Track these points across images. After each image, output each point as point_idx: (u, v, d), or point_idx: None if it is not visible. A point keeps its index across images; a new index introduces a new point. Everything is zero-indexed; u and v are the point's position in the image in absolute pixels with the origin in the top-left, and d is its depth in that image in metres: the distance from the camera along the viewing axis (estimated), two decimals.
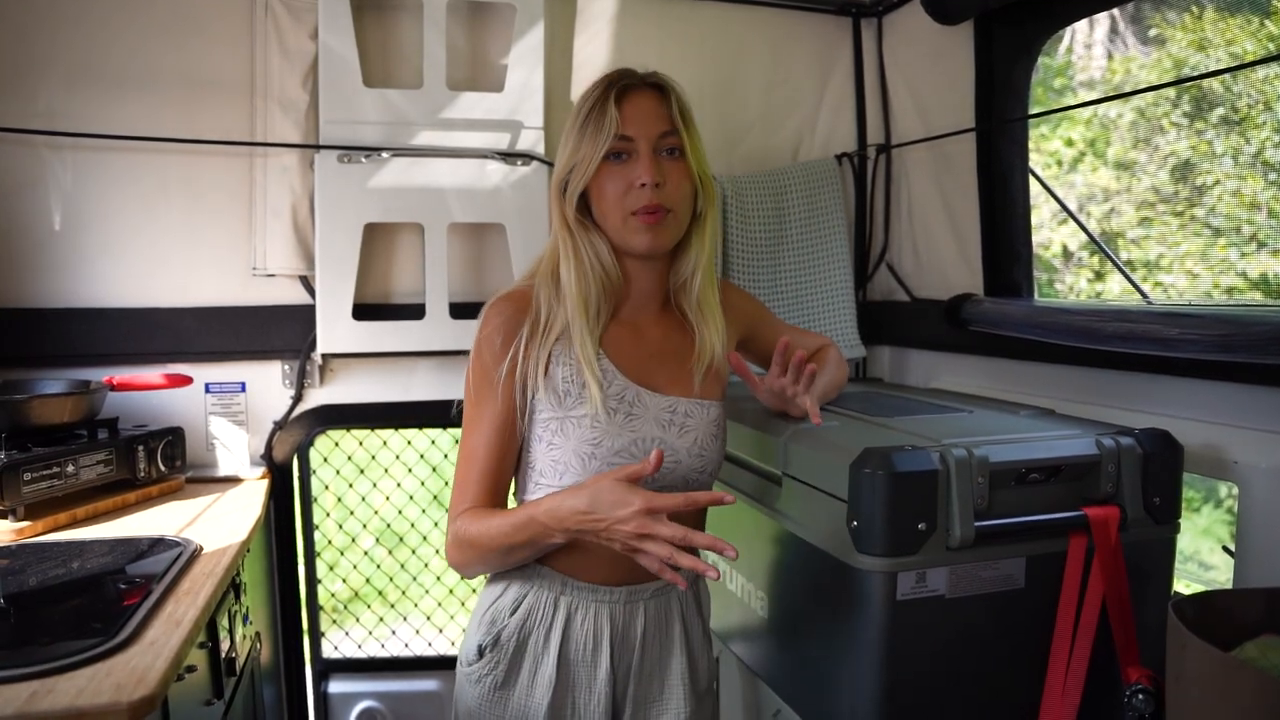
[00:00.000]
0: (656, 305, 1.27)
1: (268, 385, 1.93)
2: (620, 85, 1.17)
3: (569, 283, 1.18)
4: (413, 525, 2.23)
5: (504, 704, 1.21)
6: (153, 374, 1.78)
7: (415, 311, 1.92)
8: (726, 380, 1.31)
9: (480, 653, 1.21)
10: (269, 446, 1.94)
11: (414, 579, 2.26)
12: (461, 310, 1.90)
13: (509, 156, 1.92)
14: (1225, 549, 1.41)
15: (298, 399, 1.93)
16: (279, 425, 1.93)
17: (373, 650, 2.22)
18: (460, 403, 1.23)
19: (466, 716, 1.23)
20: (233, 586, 1.44)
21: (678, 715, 1.26)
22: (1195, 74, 2.85)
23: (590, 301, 1.18)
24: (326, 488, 2.18)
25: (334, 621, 2.27)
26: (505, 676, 1.21)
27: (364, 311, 1.88)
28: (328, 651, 2.14)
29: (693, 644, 1.29)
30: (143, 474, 1.68)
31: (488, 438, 1.17)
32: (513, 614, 1.21)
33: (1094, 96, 3.15)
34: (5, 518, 1.44)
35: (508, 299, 1.20)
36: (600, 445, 1.16)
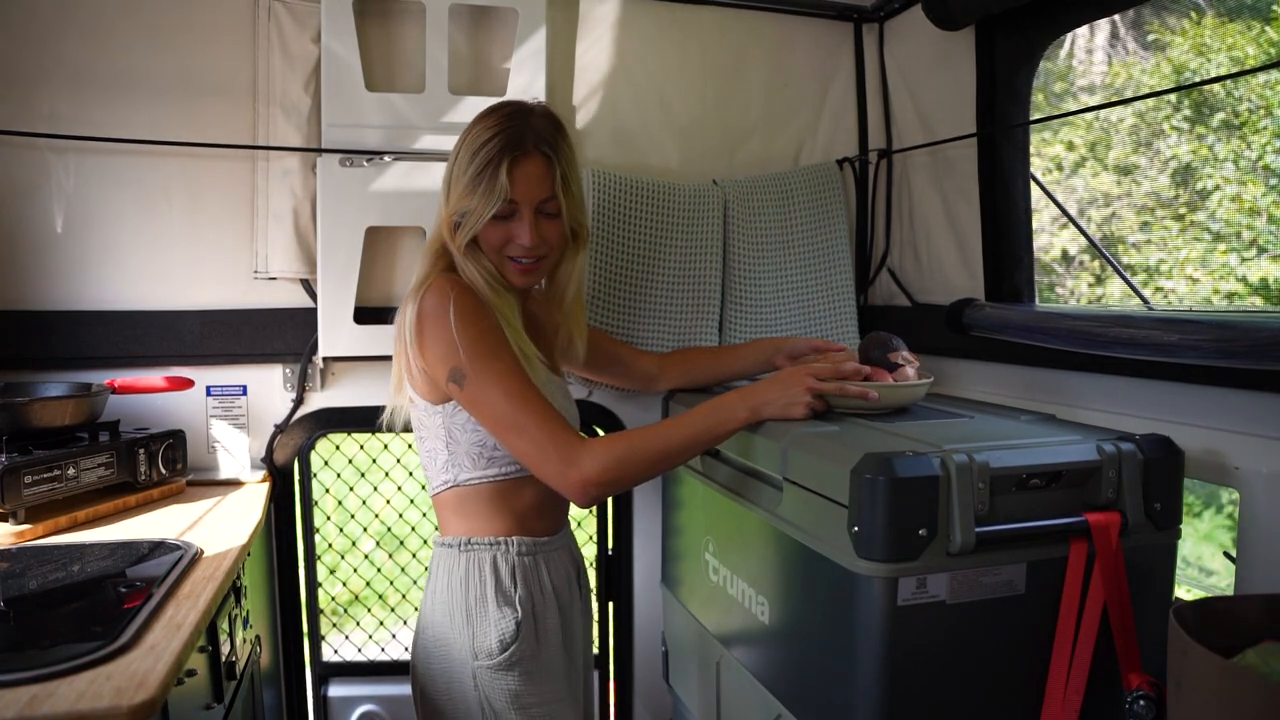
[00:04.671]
0: (529, 294, 1.55)
1: (269, 388, 1.93)
2: (513, 154, 1.33)
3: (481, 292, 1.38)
4: (413, 529, 2.23)
5: (538, 668, 1.37)
6: (154, 377, 1.78)
7: None
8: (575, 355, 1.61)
9: (503, 646, 1.34)
10: (270, 450, 1.93)
11: (414, 582, 2.26)
12: None
13: None
14: (1226, 555, 1.41)
15: (299, 402, 1.93)
16: (280, 428, 1.93)
17: (373, 654, 2.22)
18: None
19: (513, 703, 1.34)
20: (233, 590, 1.44)
21: (590, 604, 1.64)
22: (1196, 80, 2.85)
23: (494, 295, 1.37)
24: (327, 491, 2.18)
25: (334, 625, 2.27)
26: (533, 645, 1.38)
27: (365, 315, 1.88)
28: (328, 655, 2.13)
29: (581, 574, 1.59)
30: (144, 477, 1.68)
31: (522, 375, 1.31)
32: (517, 588, 1.38)
33: (1095, 102, 3.15)
34: (6, 520, 1.44)
35: (455, 279, 1.36)
36: None
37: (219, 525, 1.55)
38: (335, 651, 2.16)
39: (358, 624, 2.26)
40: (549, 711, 1.38)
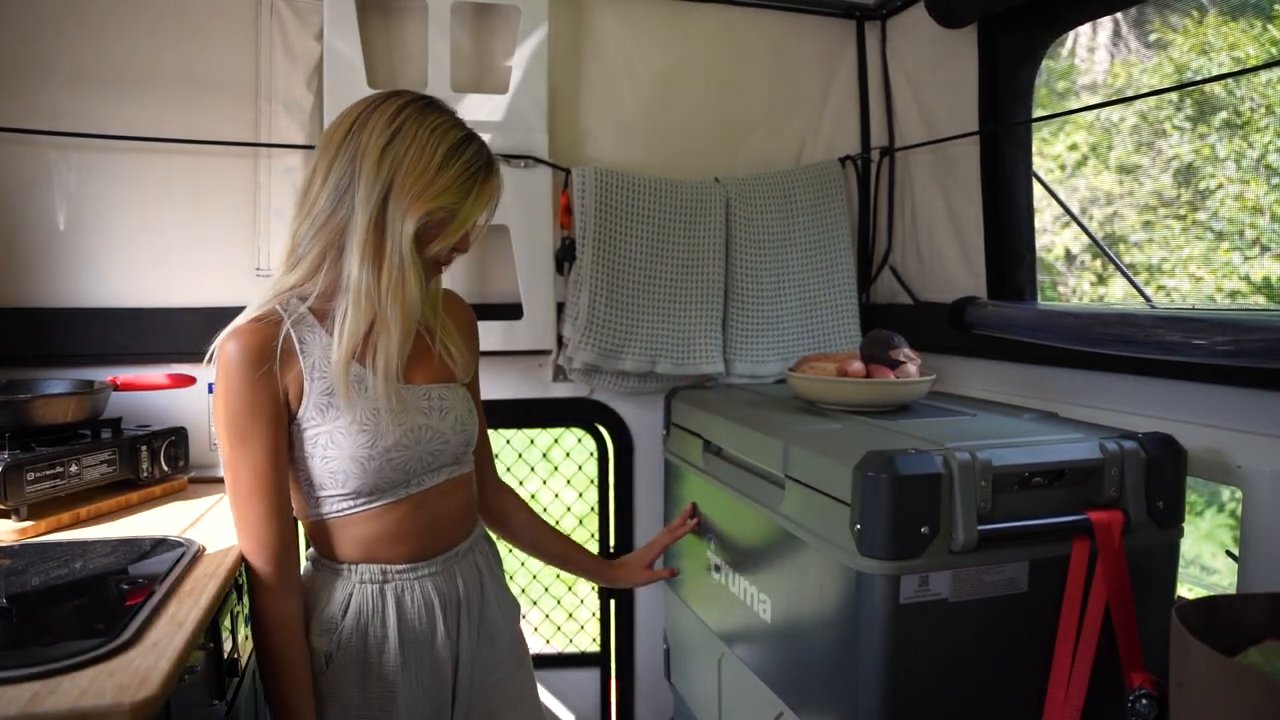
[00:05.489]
0: None
1: None
2: (493, 169, 1.26)
3: (385, 303, 1.20)
4: None
5: (363, 698, 1.26)
6: (156, 374, 1.78)
7: None
8: (463, 363, 1.38)
9: (327, 662, 1.25)
10: None
11: None
12: None
13: (512, 158, 1.92)
14: (1229, 553, 1.41)
15: None
16: None
17: None
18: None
19: None
20: (235, 587, 1.43)
21: (499, 655, 1.39)
22: (1198, 78, 2.85)
23: (400, 320, 1.21)
24: None
25: None
26: (356, 675, 1.26)
27: None
28: None
29: (497, 592, 1.41)
30: (146, 474, 1.68)
31: (263, 473, 1.20)
32: (344, 616, 1.26)
33: (1096, 100, 3.15)
34: (9, 517, 1.44)
35: (255, 326, 1.21)
36: (375, 445, 1.21)
37: (221, 523, 1.55)
38: None
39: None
40: None
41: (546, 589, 2.36)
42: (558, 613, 2.35)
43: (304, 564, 1.35)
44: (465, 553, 1.36)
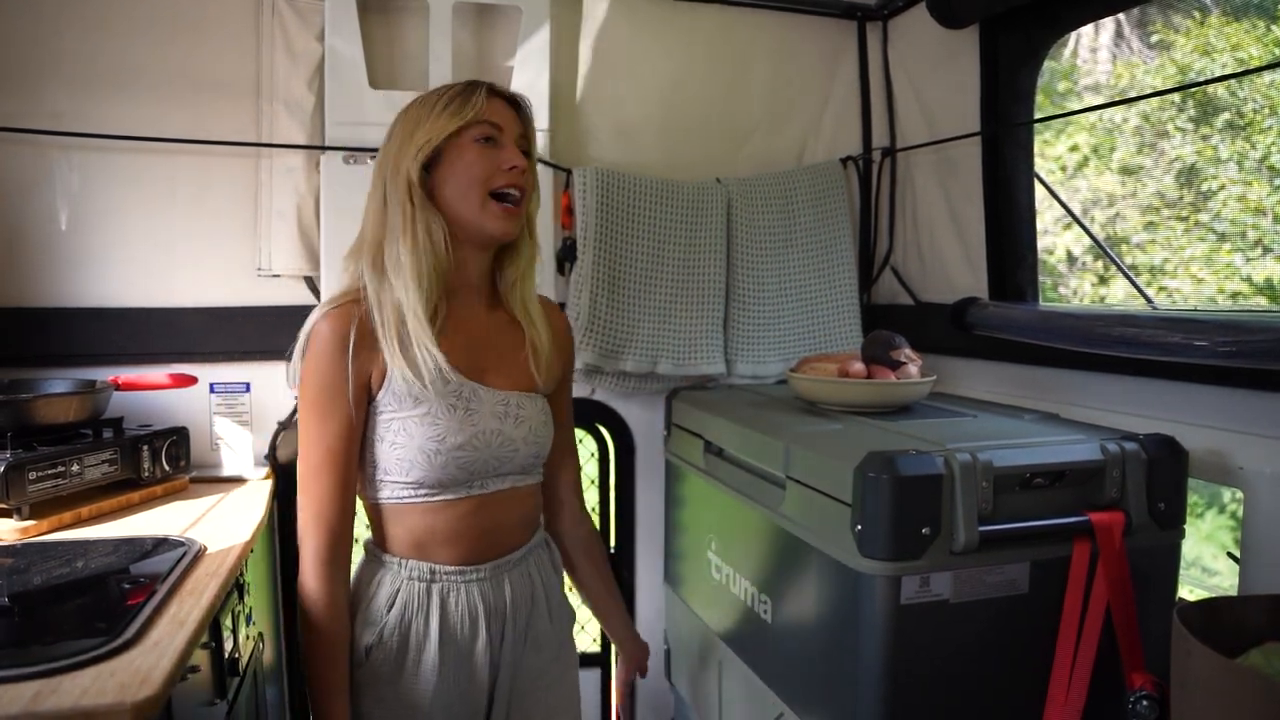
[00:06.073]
0: (484, 300, 1.34)
1: (272, 386, 1.93)
2: (487, 86, 1.25)
3: (402, 258, 1.21)
4: None
5: (395, 695, 1.26)
6: (158, 374, 1.78)
7: None
8: (549, 376, 1.37)
9: (367, 653, 1.26)
10: (273, 447, 1.94)
11: None
12: None
13: None
14: (1230, 555, 1.41)
15: None
16: (283, 426, 1.93)
17: None
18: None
19: (365, 716, 1.27)
20: (236, 587, 1.44)
21: (544, 662, 1.37)
22: (1201, 79, 2.85)
23: (424, 277, 1.21)
24: None
25: None
26: (394, 670, 1.26)
27: None
28: None
29: (551, 602, 1.39)
30: (147, 474, 1.68)
31: (335, 451, 1.22)
32: (389, 610, 1.26)
33: (1098, 101, 3.15)
34: (10, 517, 1.44)
35: (342, 308, 1.22)
36: (444, 440, 1.22)
37: (222, 522, 1.55)
38: None
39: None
40: None
41: None
42: None
43: (358, 553, 1.35)
44: (518, 561, 1.34)
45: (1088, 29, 2.05)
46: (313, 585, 1.23)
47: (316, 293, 1.90)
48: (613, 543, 2.17)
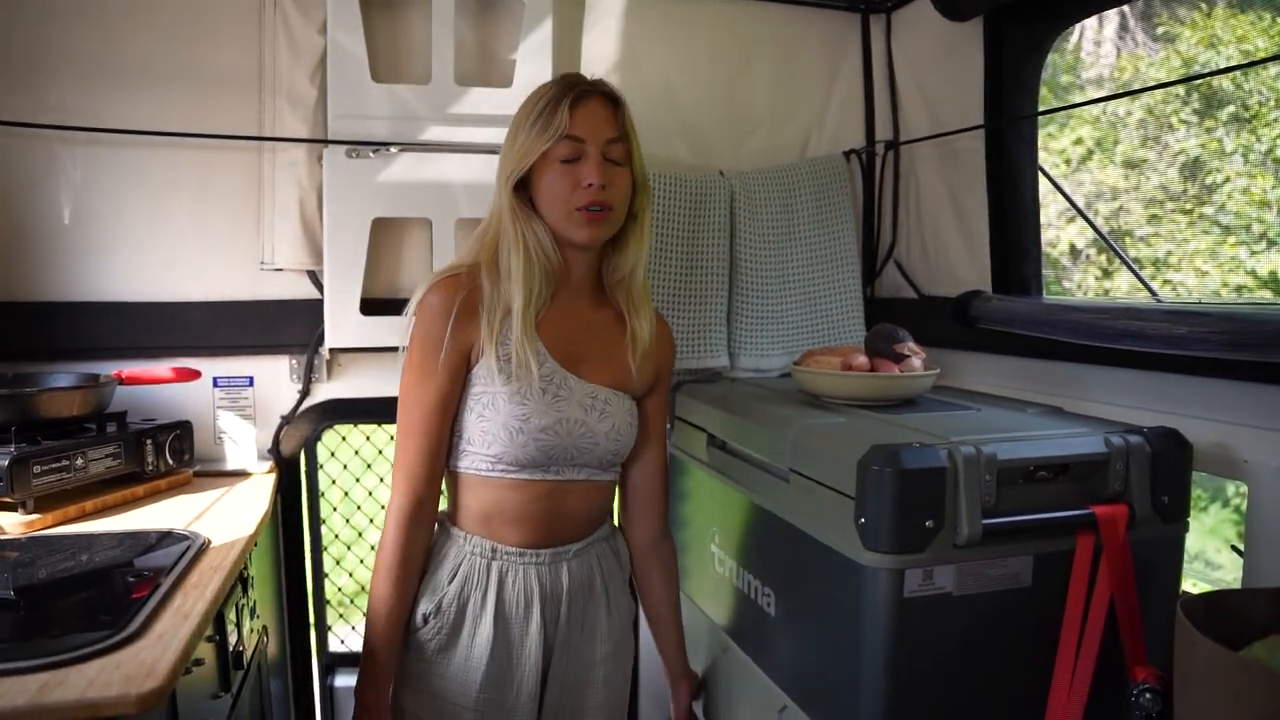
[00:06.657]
0: (589, 295, 1.40)
1: (275, 380, 1.94)
2: (576, 91, 1.29)
3: (514, 268, 1.29)
4: None
5: (446, 664, 1.32)
6: (161, 368, 1.78)
7: None
8: (643, 372, 1.42)
9: (425, 620, 1.32)
10: (276, 441, 1.94)
11: None
12: None
13: None
14: (1234, 548, 1.40)
15: (305, 393, 1.94)
16: (286, 420, 1.94)
17: None
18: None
19: (411, 679, 1.33)
20: (240, 580, 1.44)
21: (600, 655, 1.42)
22: (1205, 71, 2.83)
23: (534, 286, 1.29)
24: (333, 482, 2.19)
25: (340, 616, 2.28)
26: (448, 640, 1.32)
27: (371, 306, 1.89)
28: (334, 645, 2.14)
29: (611, 594, 1.44)
30: (151, 467, 1.68)
31: (430, 413, 1.29)
32: (450, 582, 1.32)
33: (1102, 94, 3.14)
34: (15, 510, 1.45)
35: (452, 279, 1.30)
36: (529, 421, 1.28)
37: (226, 516, 1.55)
38: (342, 642, 2.17)
39: (364, 615, 2.27)
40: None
41: None
42: None
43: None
44: (579, 551, 1.39)
45: (1091, 22, 2.05)
46: (390, 538, 1.30)
47: (319, 287, 1.90)
48: None
